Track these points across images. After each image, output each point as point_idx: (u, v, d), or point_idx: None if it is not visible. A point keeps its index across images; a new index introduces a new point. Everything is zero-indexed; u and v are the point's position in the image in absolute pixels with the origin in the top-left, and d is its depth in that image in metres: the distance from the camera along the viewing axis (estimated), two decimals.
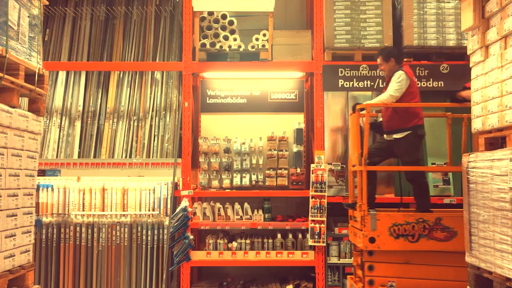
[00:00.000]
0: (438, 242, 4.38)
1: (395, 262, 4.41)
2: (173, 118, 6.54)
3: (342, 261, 6.01)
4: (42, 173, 6.15)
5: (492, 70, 4.28)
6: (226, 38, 6.37)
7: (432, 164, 6.21)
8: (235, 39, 6.38)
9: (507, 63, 4.03)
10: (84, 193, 6.28)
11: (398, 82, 4.75)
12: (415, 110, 4.84)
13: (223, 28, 6.40)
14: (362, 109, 4.97)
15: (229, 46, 6.37)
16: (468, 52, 4.82)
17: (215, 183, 6.36)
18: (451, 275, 4.35)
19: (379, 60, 5.09)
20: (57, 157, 6.50)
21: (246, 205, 6.28)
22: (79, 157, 6.51)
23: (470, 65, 4.78)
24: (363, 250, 4.47)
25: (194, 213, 6.19)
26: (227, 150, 6.42)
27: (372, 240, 4.37)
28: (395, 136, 4.84)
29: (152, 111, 6.69)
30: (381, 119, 5.30)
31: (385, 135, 5.09)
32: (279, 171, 6.35)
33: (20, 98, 3.91)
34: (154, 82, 6.79)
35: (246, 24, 6.88)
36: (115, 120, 6.63)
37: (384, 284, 4.40)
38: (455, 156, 6.27)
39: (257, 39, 6.41)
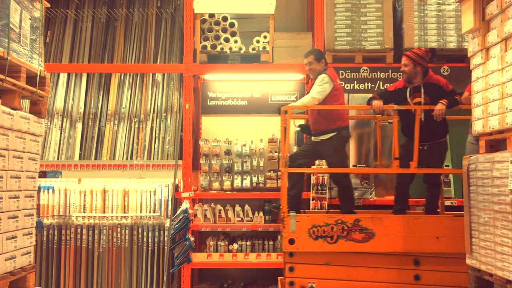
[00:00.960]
0: (357, 243, 4.39)
1: (315, 263, 4.43)
2: (174, 120, 6.55)
3: None
4: (43, 174, 6.16)
5: (492, 73, 4.28)
6: (227, 40, 6.38)
7: None
8: (236, 41, 6.39)
9: (507, 66, 4.03)
10: (85, 195, 6.28)
11: (320, 85, 4.75)
12: (339, 112, 4.84)
13: (224, 30, 6.42)
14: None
15: (230, 48, 6.38)
16: (469, 55, 4.83)
17: (215, 185, 6.37)
18: (371, 276, 4.36)
19: (310, 59, 5.05)
20: (58, 158, 6.51)
21: (246, 207, 6.29)
22: (80, 159, 6.52)
23: (471, 67, 4.79)
24: (284, 252, 4.47)
25: (195, 215, 6.20)
26: (228, 152, 6.42)
27: (291, 241, 4.39)
28: (320, 138, 4.84)
29: (153, 113, 6.70)
30: None
31: (312, 137, 5.08)
32: (280, 173, 6.35)
33: (22, 100, 3.92)
34: (155, 84, 6.80)
35: (247, 26, 6.89)
36: (116, 122, 6.64)
37: (304, 285, 4.41)
38: (454, 157, 6.28)
39: (258, 41, 6.42)
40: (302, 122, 5.66)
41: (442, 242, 4.30)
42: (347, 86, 6.27)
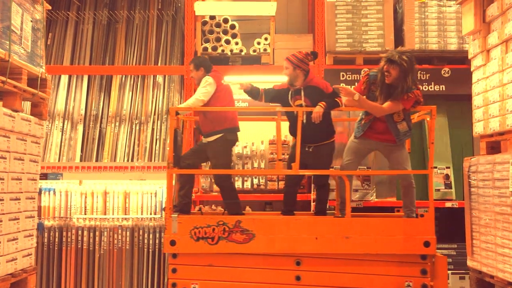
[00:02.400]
0: (237, 244, 4.39)
1: (198, 264, 4.42)
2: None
3: None
4: (44, 176, 6.16)
5: (493, 74, 4.29)
6: (227, 42, 6.38)
7: (434, 168, 6.19)
8: (236, 43, 6.40)
9: (508, 67, 4.04)
10: (86, 197, 6.28)
11: (204, 87, 4.77)
12: (225, 114, 4.84)
13: (225, 32, 6.42)
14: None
15: (231, 50, 6.38)
16: (469, 56, 4.83)
17: (216, 186, 6.36)
18: (254, 277, 4.39)
19: (190, 68, 5.09)
20: (59, 160, 6.51)
21: (247, 208, 6.28)
22: (81, 160, 6.52)
23: (471, 69, 4.80)
24: (168, 253, 4.48)
25: None
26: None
27: (172, 242, 4.38)
28: (207, 139, 4.86)
29: (154, 114, 6.70)
30: None
31: (203, 138, 5.10)
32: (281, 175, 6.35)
33: (23, 102, 3.92)
34: (156, 86, 6.81)
35: (248, 28, 6.90)
36: (117, 123, 6.65)
37: (187, 287, 4.40)
38: (455, 159, 6.28)
39: (258, 43, 6.42)
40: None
41: (321, 242, 4.37)
42: None
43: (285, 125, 4.87)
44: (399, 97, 4.36)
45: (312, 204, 5.98)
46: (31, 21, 3.90)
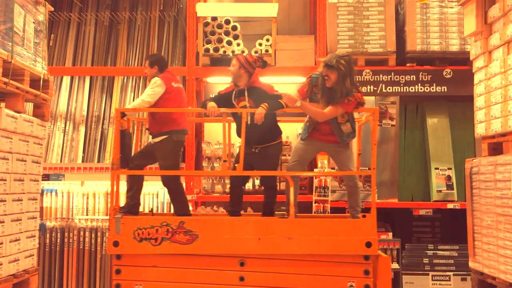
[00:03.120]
0: (181, 245, 4.37)
1: (142, 265, 4.40)
2: None
3: None
4: (46, 177, 6.17)
5: (495, 76, 4.29)
6: (229, 43, 6.39)
7: (436, 169, 6.20)
8: (238, 44, 6.40)
9: (509, 69, 4.04)
10: (88, 198, 6.30)
11: (151, 88, 4.77)
12: (172, 115, 4.83)
13: (227, 33, 6.43)
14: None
15: (233, 51, 6.38)
16: (471, 58, 4.83)
17: (218, 187, 6.37)
18: (198, 278, 4.39)
19: (146, 64, 5.10)
20: (61, 161, 6.52)
21: (249, 209, 6.28)
22: (83, 161, 6.53)
23: (473, 70, 4.80)
24: (111, 254, 4.48)
25: None
26: (230, 155, 6.43)
27: (115, 243, 4.36)
28: (154, 140, 4.87)
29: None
30: None
31: (151, 139, 5.11)
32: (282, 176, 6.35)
33: (25, 103, 3.93)
34: None
35: (250, 29, 6.90)
36: None
37: None
38: (457, 160, 6.27)
39: (260, 44, 6.43)
40: None
41: (264, 243, 4.38)
42: None
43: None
44: (339, 101, 4.42)
45: (314, 205, 5.99)
46: (34, 22, 3.91)
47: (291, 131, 6.63)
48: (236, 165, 4.63)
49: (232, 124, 4.81)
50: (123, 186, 6.20)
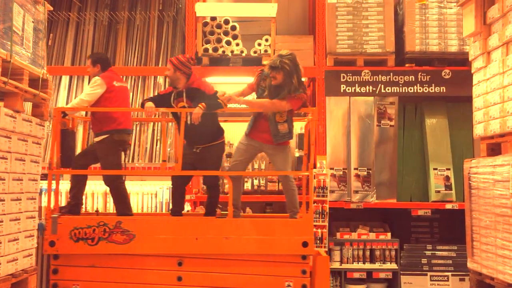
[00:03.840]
0: (117, 245, 4.38)
1: (80, 265, 4.41)
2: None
3: (344, 266, 6.00)
4: (45, 177, 6.14)
5: (493, 76, 4.29)
6: (228, 43, 6.39)
7: (434, 169, 6.21)
8: (237, 44, 6.40)
9: (508, 69, 4.04)
10: (86, 197, 6.28)
11: (91, 87, 4.78)
12: (113, 114, 4.81)
13: (226, 33, 6.43)
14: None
15: (232, 51, 6.38)
16: (470, 58, 4.84)
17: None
18: (136, 278, 4.41)
19: (88, 63, 5.11)
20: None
21: (248, 209, 6.28)
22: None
23: (472, 71, 4.80)
24: (50, 254, 4.48)
25: None
26: (229, 155, 6.42)
27: (52, 243, 4.36)
28: (96, 139, 4.88)
29: (155, 115, 6.68)
30: None
31: (94, 138, 5.12)
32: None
33: (24, 102, 3.93)
34: (157, 86, 6.81)
35: (249, 29, 6.90)
36: None
37: None
38: (456, 161, 6.28)
39: (259, 44, 6.43)
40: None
41: (201, 243, 4.40)
42: (348, 89, 6.27)
43: None
44: (286, 97, 4.47)
45: (313, 205, 5.99)
46: (33, 22, 3.91)
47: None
48: (175, 164, 4.63)
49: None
50: (137, 186, 6.19)
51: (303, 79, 4.68)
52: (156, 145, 6.54)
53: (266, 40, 6.42)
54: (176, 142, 4.68)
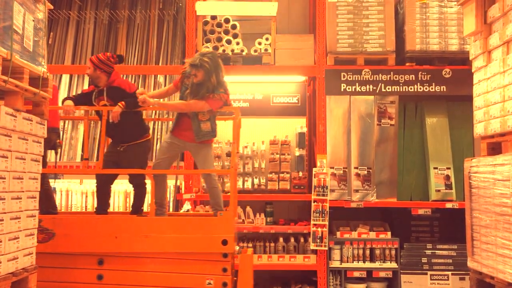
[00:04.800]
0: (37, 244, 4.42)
1: None
2: None
3: (344, 265, 6.00)
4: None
5: (494, 75, 4.29)
6: (229, 42, 6.38)
7: (435, 168, 6.21)
8: (237, 43, 6.40)
9: (509, 69, 4.04)
10: (86, 196, 6.30)
11: None
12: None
13: (226, 32, 6.42)
14: None
15: (232, 50, 6.38)
16: (470, 57, 4.84)
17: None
18: (56, 276, 4.38)
19: None
20: (60, 160, 6.51)
21: (248, 208, 6.29)
22: (82, 160, 6.52)
23: (472, 70, 4.80)
24: None
25: None
26: (229, 154, 6.42)
27: None
28: None
29: (155, 114, 6.70)
30: None
31: None
32: (281, 175, 6.36)
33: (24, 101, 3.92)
34: (157, 85, 6.82)
35: (249, 28, 6.90)
36: None
37: None
38: (456, 160, 6.28)
39: (259, 43, 6.42)
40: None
41: (121, 241, 4.39)
42: (349, 88, 6.27)
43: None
44: (205, 96, 4.51)
45: (313, 204, 5.99)
46: (33, 20, 3.90)
47: (291, 129, 6.62)
48: (96, 163, 4.64)
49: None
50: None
51: (225, 78, 4.73)
52: (157, 143, 6.54)
53: (267, 39, 6.41)
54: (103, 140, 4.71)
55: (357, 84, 6.30)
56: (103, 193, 4.92)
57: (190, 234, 4.42)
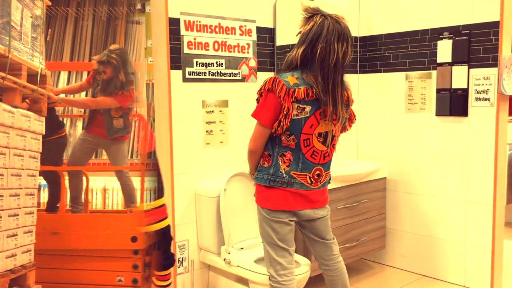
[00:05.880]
0: None
1: None
2: None
3: None
4: (43, 173, 6.15)
5: None
6: None
7: None
8: None
9: None
10: (85, 193, 6.28)
11: None
12: None
13: None
14: None
15: None
16: None
17: None
18: None
19: None
20: None
21: None
22: None
23: None
24: None
25: None
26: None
27: None
28: None
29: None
30: None
31: None
32: None
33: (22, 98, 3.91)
34: None
35: None
36: None
37: None
38: None
39: None
40: None
41: (61, 239, 4.32)
42: None
43: None
44: (113, 93, 4.57)
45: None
46: (31, 17, 3.89)
47: None
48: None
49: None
50: (137, 182, 6.20)
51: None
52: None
53: None
54: None
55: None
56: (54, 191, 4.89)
57: (99, 231, 4.38)
